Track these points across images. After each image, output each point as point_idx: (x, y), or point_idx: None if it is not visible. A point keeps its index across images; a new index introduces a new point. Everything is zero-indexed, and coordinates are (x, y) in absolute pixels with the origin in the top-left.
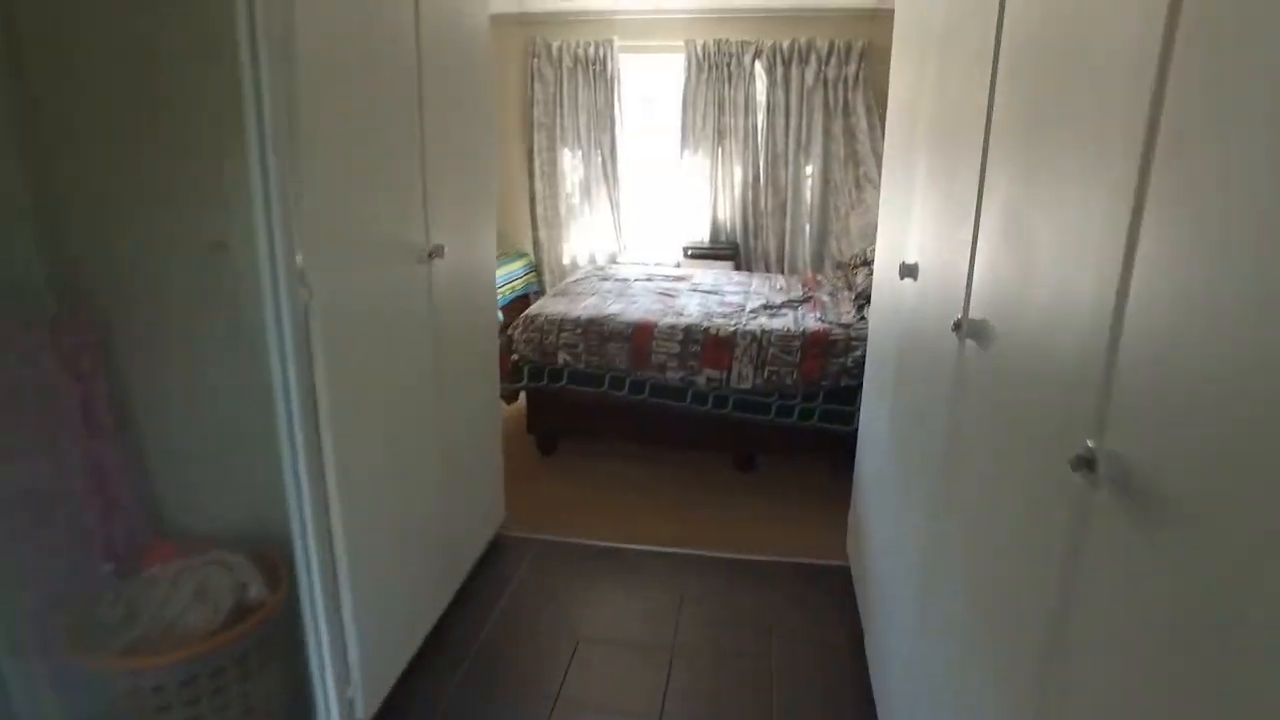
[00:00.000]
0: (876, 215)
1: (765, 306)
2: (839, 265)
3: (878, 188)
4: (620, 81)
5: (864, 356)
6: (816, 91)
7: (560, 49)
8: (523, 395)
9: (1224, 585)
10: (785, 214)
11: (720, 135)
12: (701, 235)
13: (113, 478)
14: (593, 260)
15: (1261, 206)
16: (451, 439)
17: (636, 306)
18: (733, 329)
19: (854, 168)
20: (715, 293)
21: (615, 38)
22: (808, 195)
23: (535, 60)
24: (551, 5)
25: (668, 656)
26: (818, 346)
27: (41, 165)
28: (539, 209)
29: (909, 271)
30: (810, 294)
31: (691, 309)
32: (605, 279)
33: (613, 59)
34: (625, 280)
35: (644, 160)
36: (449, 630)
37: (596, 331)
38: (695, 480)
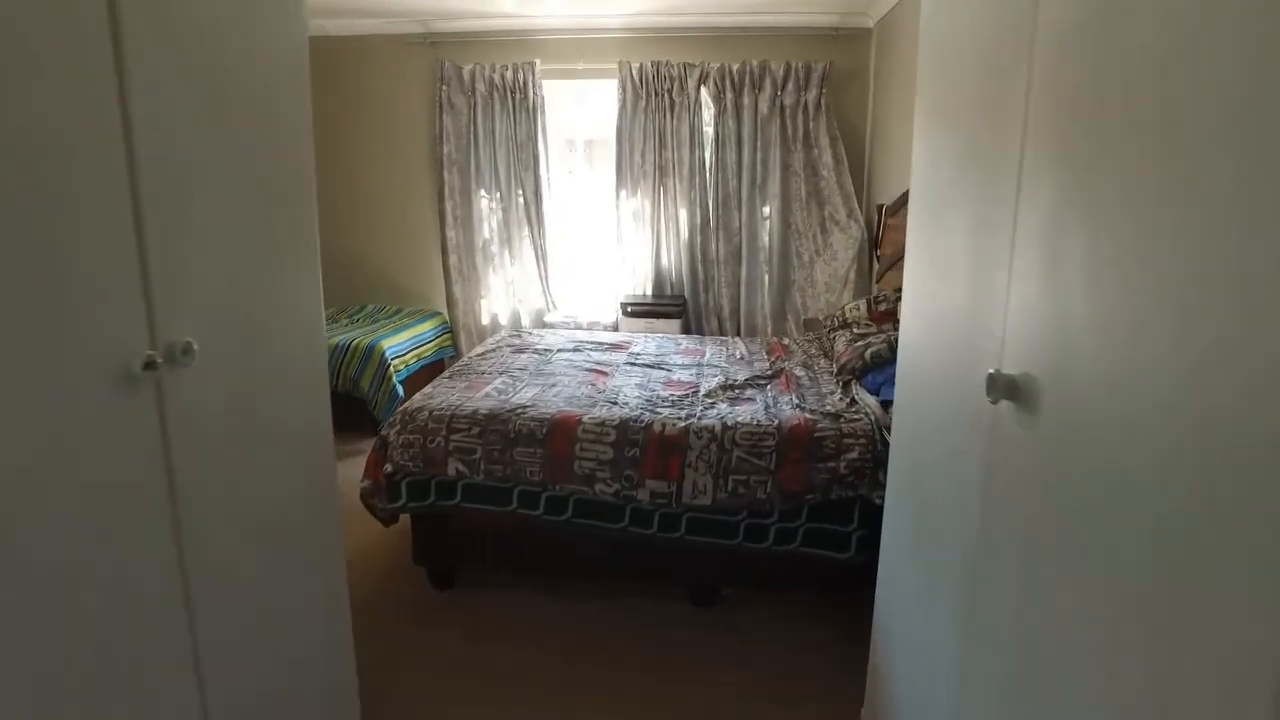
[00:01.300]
0: (845, 264)
1: (725, 387)
2: (807, 325)
3: (845, 231)
4: (544, 111)
5: (861, 460)
6: (772, 121)
7: (473, 74)
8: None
9: None
10: (740, 262)
11: (662, 172)
12: (643, 288)
13: None
14: (516, 319)
15: None
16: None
17: (556, 392)
18: (684, 424)
19: (817, 208)
20: (660, 367)
21: (537, 60)
22: (765, 240)
23: (444, 87)
24: (461, 24)
25: None
26: (799, 446)
27: None
28: (452, 260)
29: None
30: (779, 365)
31: (629, 393)
32: (521, 350)
33: (535, 85)
34: (546, 352)
35: (574, 202)
36: None
37: (499, 431)
38: (639, 623)
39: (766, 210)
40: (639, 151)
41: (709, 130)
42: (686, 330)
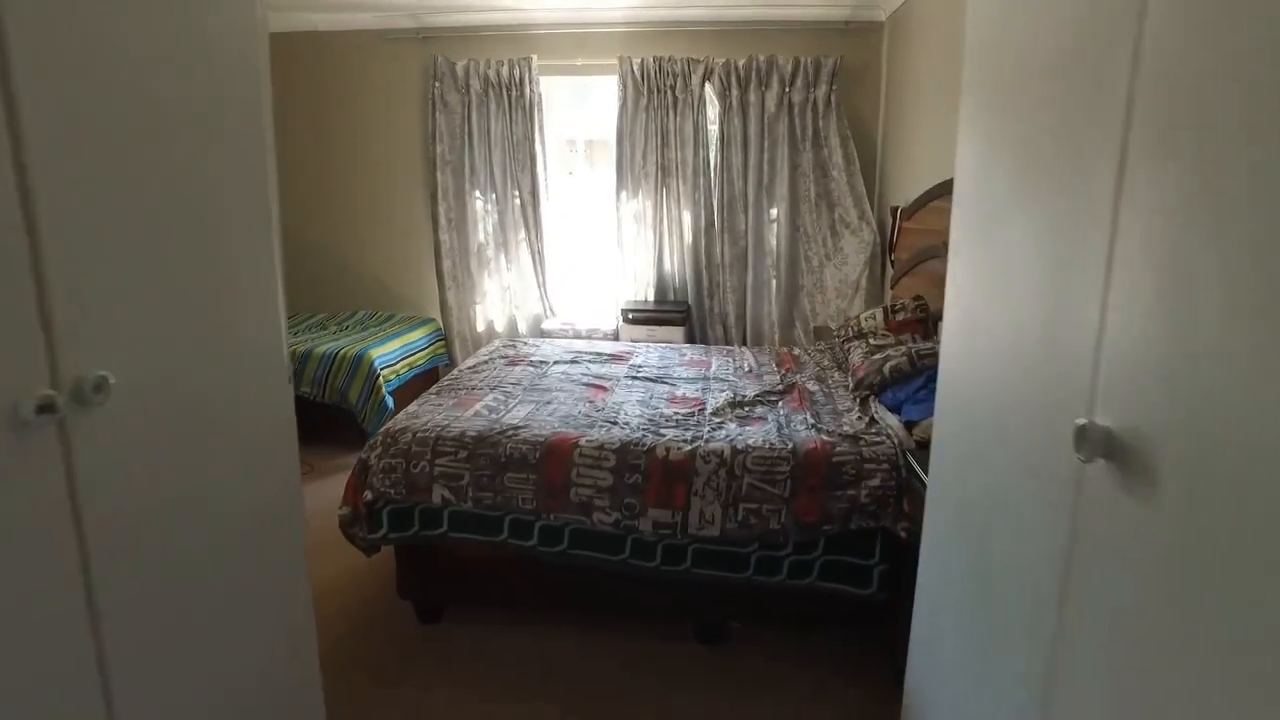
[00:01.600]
0: (857, 268)
1: (734, 404)
2: (817, 333)
3: (857, 234)
4: (542, 109)
5: (884, 487)
6: (780, 119)
7: (468, 70)
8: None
9: None
10: (746, 267)
11: (665, 172)
12: (645, 294)
13: None
14: (513, 326)
15: None
16: None
17: (551, 410)
18: (690, 447)
19: (827, 210)
20: (663, 380)
21: (534, 56)
22: (773, 244)
23: (437, 85)
24: (454, 18)
25: None
26: (815, 472)
27: None
28: (446, 264)
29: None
30: (790, 378)
31: (630, 411)
32: (515, 362)
33: (532, 82)
34: (541, 364)
35: (573, 204)
36: None
37: (489, 455)
38: (640, 661)
39: (774, 212)
40: (640, 151)
41: (714, 129)
42: (690, 338)
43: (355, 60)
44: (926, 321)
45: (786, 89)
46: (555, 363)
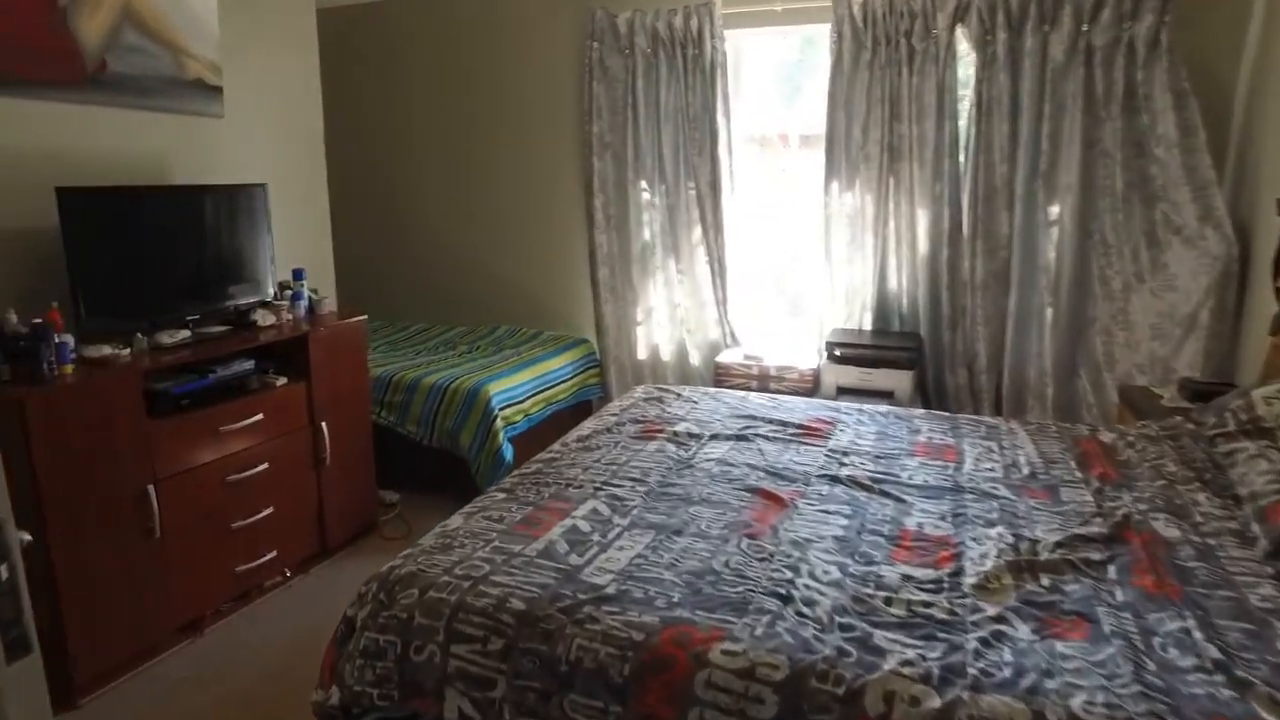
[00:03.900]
0: (1195, 297)
1: (1018, 566)
2: (1122, 396)
3: (1195, 244)
4: (727, 73)
5: None
6: (1071, 72)
7: (632, 25)
8: None
9: None
10: (1008, 288)
11: (893, 154)
12: (858, 321)
13: None
14: (682, 353)
15: None
16: None
17: (677, 554)
18: (937, 700)
19: (1143, 207)
20: (884, 491)
21: (717, 2)
22: (1050, 256)
23: (594, 46)
24: None
25: None
26: None
27: None
28: (602, 272)
29: None
30: (1114, 501)
31: (819, 569)
32: (651, 431)
33: (714, 37)
34: (690, 440)
35: (765, 197)
36: None
37: (541, 654)
38: None
39: (1054, 210)
40: (860, 125)
41: (966, 93)
42: (921, 387)
43: (497, 22)
44: None
45: (1084, 26)
46: (712, 438)
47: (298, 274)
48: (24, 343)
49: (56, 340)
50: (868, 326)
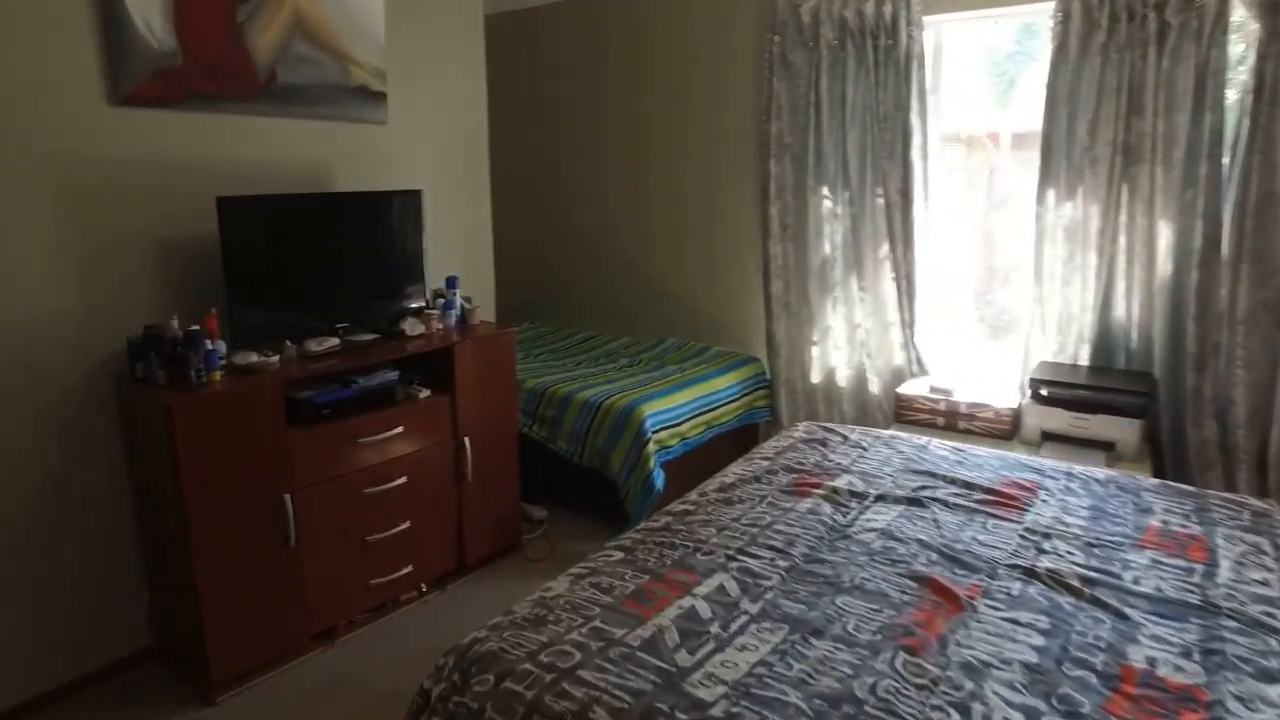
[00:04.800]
0: None
1: None
2: None
3: None
4: (924, 65)
5: None
6: None
7: (816, 14)
8: None
9: None
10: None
11: (1128, 155)
12: (1073, 354)
13: None
14: (861, 379)
15: None
16: None
17: (810, 664)
18: None
19: None
20: (1099, 586)
21: None
22: None
23: (775, 39)
24: None
25: None
26: None
27: None
28: (776, 285)
29: None
30: None
31: (999, 705)
32: (806, 483)
33: (910, 25)
34: (852, 500)
35: (964, 208)
36: None
37: None
38: None
39: None
40: (1087, 121)
41: (1238, 75)
42: (1154, 446)
43: (672, 19)
44: None
45: None
46: (878, 499)
47: (451, 281)
48: (179, 348)
49: (208, 347)
50: (1085, 362)
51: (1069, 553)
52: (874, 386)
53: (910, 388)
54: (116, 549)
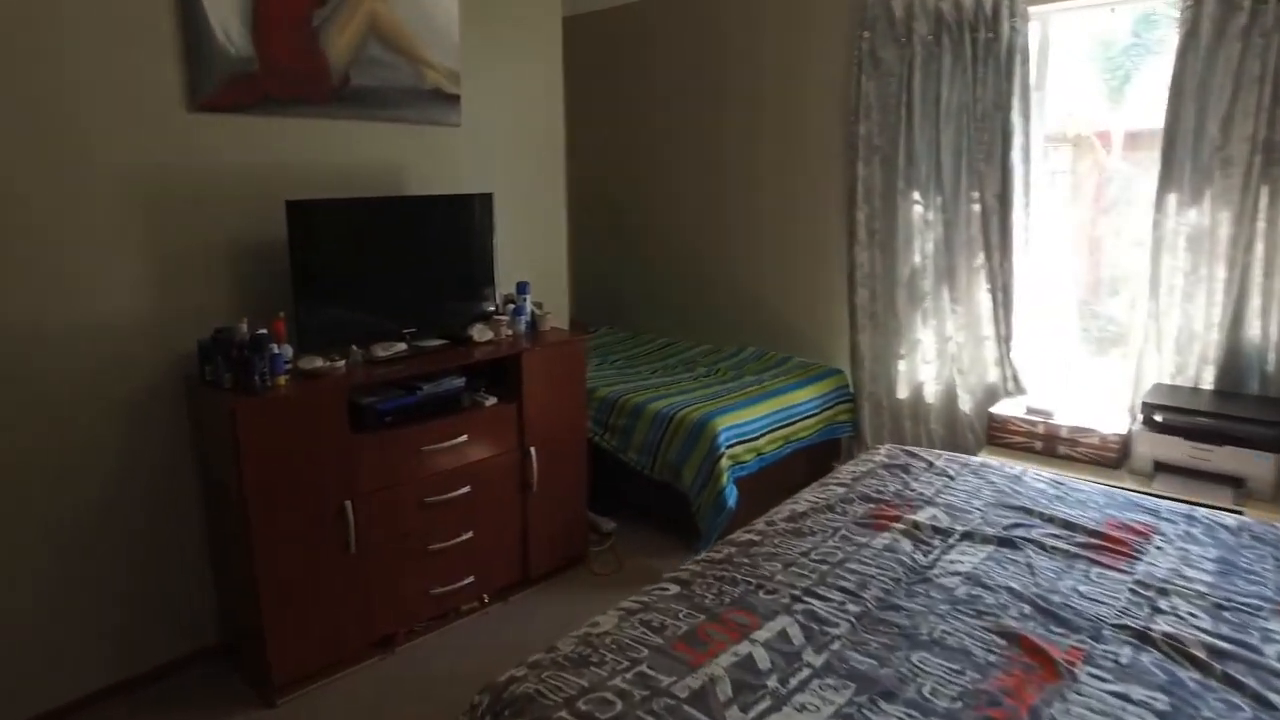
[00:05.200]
0: None
1: None
2: None
3: None
4: (1028, 60)
5: None
6: None
7: (910, 8)
8: None
9: None
10: None
11: (1270, 155)
12: (1194, 376)
13: None
14: (950, 395)
15: None
16: None
17: None
18: None
19: None
20: (1229, 660)
21: None
22: None
23: (866, 35)
24: None
25: None
26: None
27: None
28: (861, 295)
29: None
30: None
31: None
32: (886, 515)
33: (1013, 16)
34: (935, 538)
35: (1066, 212)
36: None
37: None
38: None
39: None
40: (1218, 117)
41: None
42: None
43: (758, 17)
44: None
45: None
46: (964, 537)
47: (522, 287)
48: (245, 352)
49: (273, 351)
50: (1209, 386)
51: (1191, 614)
52: (965, 405)
53: (1005, 408)
54: (186, 547)
